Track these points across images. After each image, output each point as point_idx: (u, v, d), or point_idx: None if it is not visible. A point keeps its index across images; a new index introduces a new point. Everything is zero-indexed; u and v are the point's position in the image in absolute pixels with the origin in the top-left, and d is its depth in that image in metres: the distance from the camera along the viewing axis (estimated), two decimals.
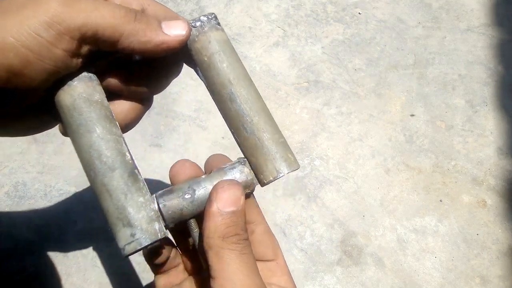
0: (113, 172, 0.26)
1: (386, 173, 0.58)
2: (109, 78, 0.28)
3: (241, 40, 0.70)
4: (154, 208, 0.26)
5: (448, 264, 0.52)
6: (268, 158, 0.28)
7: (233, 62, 0.30)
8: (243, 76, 0.30)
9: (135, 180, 0.26)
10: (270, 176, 0.28)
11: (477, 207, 0.55)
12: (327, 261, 0.52)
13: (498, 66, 0.66)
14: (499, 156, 0.59)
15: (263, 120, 0.29)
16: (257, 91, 0.30)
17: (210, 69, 0.29)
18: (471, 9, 0.73)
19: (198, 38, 0.29)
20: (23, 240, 0.52)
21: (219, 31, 0.30)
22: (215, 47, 0.29)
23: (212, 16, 0.30)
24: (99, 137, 0.26)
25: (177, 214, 0.27)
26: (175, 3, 0.75)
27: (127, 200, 0.25)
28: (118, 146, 0.26)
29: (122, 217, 0.25)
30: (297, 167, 0.29)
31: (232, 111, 0.29)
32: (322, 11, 0.74)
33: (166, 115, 0.63)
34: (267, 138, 0.28)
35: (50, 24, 0.23)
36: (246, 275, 0.24)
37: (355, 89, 0.65)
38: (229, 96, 0.29)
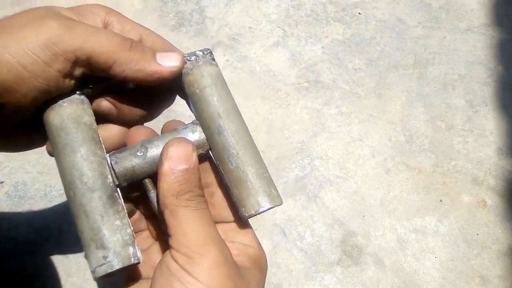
0: (93, 193, 0.26)
1: (386, 173, 0.58)
2: (101, 101, 0.28)
3: (241, 40, 0.70)
4: (130, 233, 0.26)
5: (448, 264, 0.52)
6: (250, 192, 0.28)
7: (223, 96, 0.30)
8: (232, 110, 0.30)
9: (113, 203, 0.26)
10: (251, 210, 0.28)
11: (477, 207, 0.55)
12: (327, 261, 0.52)
13: (498, 66, 0.66)
14: (499, 156, 0.59)
15: (249, 155, 0.29)
16: (245, 126, 0.31)
17: (201, 102, 0.30)
18: (471, 9, 0.73)
19: (192, 71, 0.30)
20: (23, 240, 0.52)
21: (213, 66, 0.31)
22: (208, 81, 0.30)
23: (207, 52, 0.31)
24: (83, 158, 0.26)
25: (129, 172, 0.27)
26: (175, 3, 0.75)
27: (103, 222, 0.25)
28: (100, 168, 0.26)
29: (96, 239, 0.25)
30: (280, 203, 0.29)
31: (219, 144, 0.29)
32: (322, 11, 0.74)
33: (166, 115, 0.63)
34: (251, 172, 0.29)
35: (47, 45, 0.24)
36: (202, 229, 0.24)
37: (355, 89, 0.65)
38: (217, 129, 0.29)
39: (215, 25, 0.72)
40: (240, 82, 0.66)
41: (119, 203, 0.26)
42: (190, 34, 0.71)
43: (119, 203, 0.26)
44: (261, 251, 0.29)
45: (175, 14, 0.74)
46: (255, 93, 0.65)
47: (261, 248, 0.29)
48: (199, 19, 0.73)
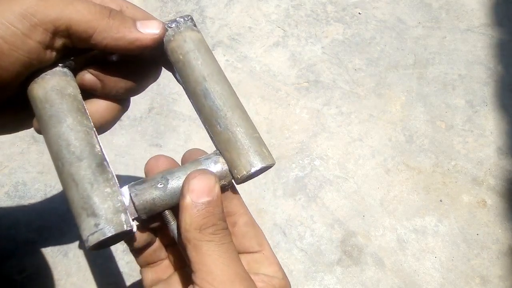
0: (81, 161, 0.25)
1: (386, 173, 0.58)
2: (85, 74, 0.28)
3: (241, 40, 0.70)
4: (121, 200, 0.25)
5: (448, 264, 0.52)
6: (241, 152, 0.28)
7: (207, 59, 0.30)
8: (217, 72, 0.30)
9: (103, 171, 0.25)
10: (243, 171, 0.27)
11: (477, 207, 0.55)
12: (327, 261, 0.52)
13: (498, 66, 0.66)
14: (499, 156, 0.59)
15: (237, 115, 0.29)
16: (231, 88, 0.30)
17: (185, 67, 0.29)
18: (471, 9, 0.73)
19: (174, 37, 0.29)
20: (23, 240, 0.52)
21: (195, 31, 0.30)
22: (190, 45, 0.29)
23: (188, 18, 0.30)
24: (69, 128, 0.26)
25: (149, 204, 0.26)
26: (175, 3, 0.75)
27: (93, 190, 0.25)
28: (87, 138, 0.26)
29: (86, 207, 0.24)
30: (272, 162, 0.28)
31: (206, 107, 0.29)
32: (322, 11, 0.74)
33: (166, 115, 0.63)
34: (240, 132, 0.28)
35: (25, 16, 0.24)
36: (227, 265, 0.24)
37: (355, 89, 0.65)
38: (203, 92, 0.29)
39: (215, 25, 0.72)
40: (240, 82, 0.66)
41: (108, 171, 0.26)
42: None
43: (108, 171, 0.26)
44: (286, 281, 0.28)
45: (175, 14, 0.74)
46: (255, 93, 0.65)
47: (286, 278, 0.28)
48: (199, 19, 0.73)
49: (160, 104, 0.64)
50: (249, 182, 0.57)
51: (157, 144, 0.60)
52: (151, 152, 0.59)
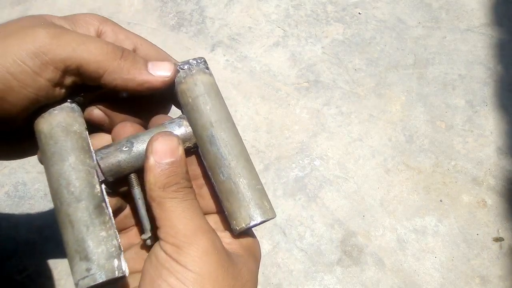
0: (79, 203, 0.25)
1: (386, 173, 0.58)
2: (93, 109, 0.28)
3: (241, 40, 0.70)
4: (116, 245, 0.25)
5: (448, 264, 0.52)
6: (242, 204, 0.27)
7: (216, 105, 0.29)
8: (225, 119, 0.29)
9: (100, 213, 0.25)
10: (242, 223, 0.27)
11: (477, 207, 0.55)
12: (327, 261, 0.52)
13: (498, 66, 0.66)
14: (499, 156, 0.59)
15: (241, 165, 0.28)
16: (238, 135, 0.30)
17: (193, 111, 0.29)
18: (471, 9, 0.73)
19: (185, 80, 0.29)
20: (23, 240, 0.52)
21: (207, 75, 0.30)
22: (201, 89, 0.29)
23: (201, 60, 0.30)
24: (71, 167, 0.26)
25: (115, 167, 0.27)
26: (175, 3, 0.75)
27: (88, 233, 0.25)
28: (88, 178, 0.26)
29: (80, 250, 0.25)
30: (273, 216, 0.28)
31: (211, 154, 0.28)
32: (322, 11, 0.74)
33: None
34: (243, 183, 0.28)
35: (36, 54, 0.24)
36: (190, 219, 0.24)
37: (355, 89, 0.65)
38: (209, 138, 0.29)
39: (215, 25, 0.72)
40: (240, 82, 0.66)
41: (106, 213, 0.26)
42: (190, 34, 0.71)
43: (106, 213, 0.26)
44: (253, 239, 0.29)
45: (175, 14, 0.74)
46: (255, 93, 0.65)
47: (254, 236, 0.29)
48: (199, 19, 0.73)
49: None
50: None
51: None
52: None
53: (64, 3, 0.76)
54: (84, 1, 0.76)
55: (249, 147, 0.60)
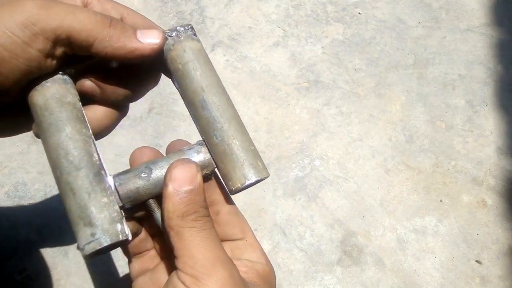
0: (79, 171, 0.26)
1: (386, 173, 0.58)
2: (85, 81, 0.28)
3: (241, 40, 0.70)
4: (117, 210, 0.26)
5: (448, 264, 0.52)
6: (236, 165, 0.28)
7: (206, 70, 0.30)
8: (216, 84, 0.30)
9: (100, 180, 0.26)
10: (238, 183, 0.28)
11: (477, 207, 0.55)
12: (327, 261, 0.52)
13: (498, 66, 0.67)
14: (499, 156, 0.59)
15: (233, 128, 0.29)
16: (229, 99, 0.31)
17: (184, 77, 0.30)
18: (471, 9, 0.73)
19: (174, 47, 0.30)
20: (23, 240, 0.52)
21: (195, 41, 0.31)
22: (190, 55, 0.30)
23: (188, 27, 0.31)
24: (68, 137, 0.26)
25: (133, 193, 0.27)
26: (175, 3, 0.75)
27: (90, 200, 0.25)
28: (86, 147, 0.26)
29: (83, 216, 0.25)
30: (267, 175, 0.29)
31: (203, 118, 0.29)
32: (322, 11, 0.74)
33: (166, 115, 0.63)
34: (236, 145, 0.28)
35: (26, 25, 0.24)
36: (208, 250, 0.24)
37: (355, 89, 0.65)
38: (201, 103, 0.29)
39: (215, 25, 0.72)
40: (240, 82, 0.66)
41: (106, 181, 0.26)
42: None
43: (106, 181, 0.26)
44: (269, 267, 0.28)
45: (175, 14, 0.74)
46: (255, 93, 0.65)
47: (270, 264, 0.29)
48: (199, 19, 0.73)
49: (160, 104, 0.64)
50: None
51: (157, 144, 0.60)
52: None
53: None
54: None
55: None
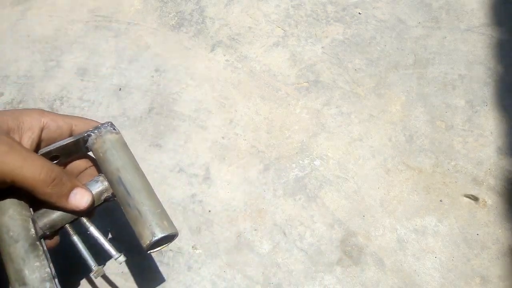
0: (17, 243, 0.33)
1: (386, 173, 0.58)
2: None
3: (241, 40, 0.70)
4: (48, 271, 0.33)
5: (448, 264, 0.52)
6: (145, 225, 0.35)
7: (122, 155, 0.38)
8: (130, 164, 0.38)
9: (34, 249, 0.33)
10: (147, 240, 0.34)
11: (477, 207, 0.55)
12: (327, 261, 0.52)
13: (498, 66, 0.67)
14: (499, 156, 0.59)
15: (143, 197, 0.36)
16: (141, 175, 0.38)
17: (104, 162, 0.38)
18: (471, 9, 0.73)
19: (96, 140, 0.39)
20: None
21: (113, 134, 0.40)
22: (108, 145, 0.39)
23: (108, 124, 0.40)
24: (10, 217, 0.34)
25: (51, 222, 0.36)
26: (175, 3, 0.75)
27: (25, 264, 0.32)
28: (24, 224, 0.34)
29: (19, 278, 0.32)
30: (172, 231, 0.36)
31: (119, 192, 0.37)
32: (322, 11, 0.74)
33: (166, 115, 0.63)
34: (144, 210, 0.35)
35: None
36: None
37: (355, 89, 0.65)
38: (117, 180, 0.37)
39: (215, 25, 0.72)
40: (240, 82, 0.66)
41: (40, 249, 0.34)
42: (190, 34, 0.71)
43: (39, 249, 0.34)
44: None
45: (175, 14, 0.74)
46: (255, 93, 0.65)
47: None
48: (199, 19, 0.73)
49: (160, 104, 0.64)
50: (249, 183, 0.57)
51: (157, 144, 0.60)
52: (151, 152, 0.59)
53: (64, 3, 0.76)
54: (84, 1, 0.76)
55: (249, 147, 0.60)
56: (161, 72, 0.67)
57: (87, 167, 0.42)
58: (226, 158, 0.59)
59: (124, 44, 0.70)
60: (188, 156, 0.59)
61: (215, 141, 0.61)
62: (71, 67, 0.68)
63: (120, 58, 0.69)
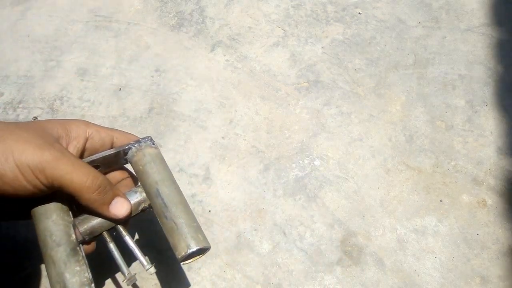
0: (59, 247, 0.35)
1: (386, 173, 0.58)
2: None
3: (241, 40, 0.70)
4: (87, 276, 0.35)
5: (448, 264, 0.52)
6: (181, 237, 0.37)
7: (160, 169, 0.40)
8: (168, 178, 0.40)
9: (75, 254, 0.35)
10: (182, 252, 0.36)
11: (477, 207, 0.55)
12: (327, 261, 0.52)
13: (498, 66, 0.67)
14: (499, 156, 0.59)
15: (179, 210, 0.38)
16: (178, 189, 0.40)
17: (143, 174, 0.40)
18: (471, 9, 0.73)
19: (136, 153, 0.41)
20: (22, 239, 0.52)
21: (152, 148, 0.42)
22: (148, 159, 0.40)
23: (148, 138, 0.42)
24: (53, 222, 0.36)
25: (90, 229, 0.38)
26: (175, 3, 0.75)
27: (66, 268, 0.34)
28: (66, 229, 0.36)
29: (60, 281, 0.34)
30: (206, 245, 0.37)
31: (157, 204, 0.39)
32: (322, 11, 0.74)
33: (166, 115, 0.63)
34: (180, 223, 0.37)
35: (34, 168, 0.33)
36: None
37: (355, 89, 0.65)
38: (155, 193, 0.39)
39: (215, 25, 0.72)
40: (240, 82, 0.66)
41: (80, 254, 0.35)
42: (190, 34, 0.71)
43: (79, 254, 0.35)
44: None
45: (175, 14, 0.74)
46: (255, 93, 0.65)
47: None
48: (199, 19, 0.73)
49: (160, 104, 0.64)
50: (249, 183, 0.57)
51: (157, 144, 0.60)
52: None
53: (64, 3, 0.76)
54: (84, 1, 0.76)
55: (249, 147, 0.60)
56: (161, 72, 0.67)
57: (124, 178, 0.43)
58: (226, 158, 0.59)
59: (124, 44, 0.70)
60: (188, 156, 0.59)
61: (215, 141, 0.61)
62: (71, 67, 0.68)
63: (120, 58, 0.69)
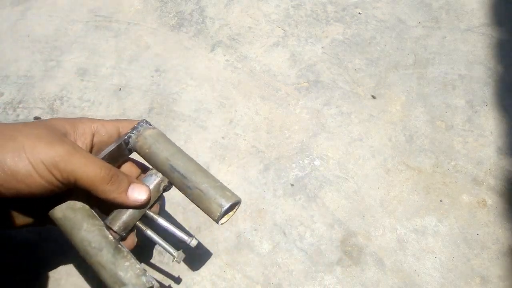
0: (101, 251, 0.35)
1: (386, 173, 0.58)
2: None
3: (241, 40, 0.70)
4: (139, 267, 0.35)
5: (448, 264, 0.52)
6: (211, 200, 0.37)
7: (167, 145, 0.40)
8: (177, 152, 0.40)
9: (119, 251, 0.36)
10: (216, 212, 0.36)
11: (477, 207, 0.55)
12: (327, 261, 0.52)
13: (498, 66, 0.67)
14: (499, 156, 0.59)
15: (199, 176, 0.38)
16: (189, 157, 0.40)
17: (152, 156, 0.40)
18: (471, 9, 0.73)
19: (138, 139, 0.40)
20: (23, 240, 0.52)
21: (151, 129, 0.41)
22: (151, 140, 0.40)
23: (143, 121, 0.41)
24: (86, 231, 0.36)
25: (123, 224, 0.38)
26: (175, 3, 0.75)
27: (116, 267, 0.35)
28: (101, 233, 0.36)
29: (116, 280, 0.34)
30: (236, 200, 0.37)
31: (175, 178, 0.39)
32: (322, 11, 0.74)
33: (166, 115, 0.63)
34: (205, 187, 0.37)
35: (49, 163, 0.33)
36: None
37: (355, 89, 0.65)
38: (170, 168, 0.39)
39: (215, 25, 0.72)
40: (240, 82, 0.66)
41: (123, 250, 0.36)
42: (190, 34, 0.71)
43: (123, 250, 0.36)
44: None
45: (175, 14, 0.74)
46: (255, 93, 0.65)
47: None
48: (199, 19, 0.73)
49: (160, 104, 0.64)
50: (249, 183, 0.57)
51: None
52: None
53: (64, 3, 0.76)
54: (84, 1, 0.76)
55: (249, 147, 0.60)
56: (161, 72, 0.67)
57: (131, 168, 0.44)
58: (226, 158, 0.59)
59: (124, 44, 0.70)
60: None
61: (215, 141, 0.61)
62: (71, 67, 0.68)
63: (120, 58, 0.69)
